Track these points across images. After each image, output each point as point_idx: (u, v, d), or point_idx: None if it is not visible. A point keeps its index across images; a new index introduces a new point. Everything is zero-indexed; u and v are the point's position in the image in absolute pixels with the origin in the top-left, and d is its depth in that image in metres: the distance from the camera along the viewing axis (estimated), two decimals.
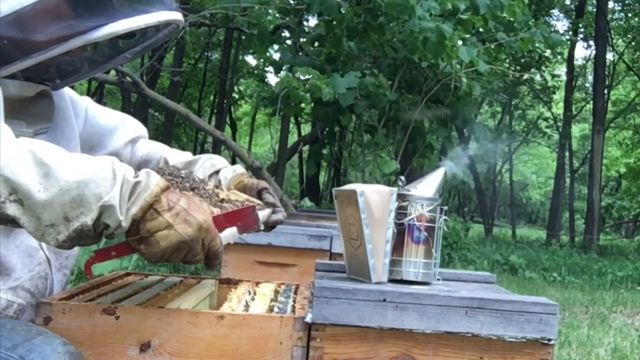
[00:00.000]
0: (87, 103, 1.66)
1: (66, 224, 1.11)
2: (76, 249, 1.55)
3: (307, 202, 7.19)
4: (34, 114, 1.44)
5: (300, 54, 7.46)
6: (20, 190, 1.09)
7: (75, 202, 1.11)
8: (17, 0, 1.28)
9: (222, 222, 1.26)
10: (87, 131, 1.63)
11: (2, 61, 1.31)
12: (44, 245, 1.42)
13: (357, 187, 1.38)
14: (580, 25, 18.57)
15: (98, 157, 1.19)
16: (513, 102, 20.69)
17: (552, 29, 13.77)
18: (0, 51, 1.31)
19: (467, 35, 6.48)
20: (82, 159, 1.16)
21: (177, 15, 1.41)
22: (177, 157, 1.71)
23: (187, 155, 1.73)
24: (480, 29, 6.91)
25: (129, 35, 1.40)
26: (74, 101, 1.61)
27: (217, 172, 1.64)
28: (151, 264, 6.62)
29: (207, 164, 1.66)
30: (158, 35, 1.45)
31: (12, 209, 1.09)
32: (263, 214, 1.45)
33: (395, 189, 1.40)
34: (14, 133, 1.32)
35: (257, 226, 1.35)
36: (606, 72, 18.29)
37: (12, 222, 1.12)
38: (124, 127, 1.72)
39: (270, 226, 1.53)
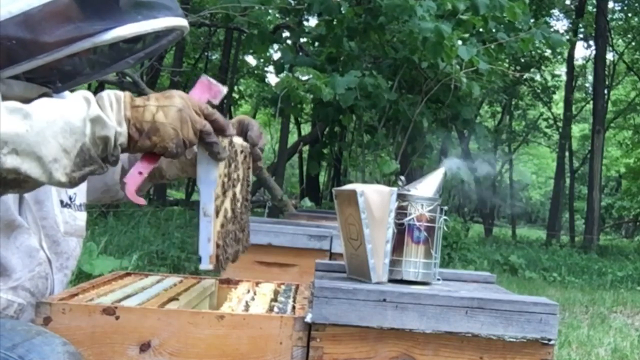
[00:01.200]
0: None
1: (67, 155, 1.13)
2: (77, 249, 1.56)
3: (307, 202, 7.19)
4: None
5: (301, 54, 7.46)
6: (10, 140, 1.09)
7: (65, 132, 1.13)
8: (26, 2, 1.28)
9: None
10: None
11: (8, 61, 1.32)
12: (44, 245, 1.42)
13: (357, 187, 1.38)
14: (580, 25, 18.56)
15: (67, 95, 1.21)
16: (513, 102, 20.68)
17: (552, 29, 13.77)
18: (7, 51, 1.31)
19: (466, 35, 6.49)
20: (52, 100, 1.18)
21: (183, 22, 1.42)
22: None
23: None
24: (481, 29, 6.91)
25: (134, 40, 1.41)
26: None
27: None
28: (152, 263, 6.62)
29: None
30: (162, 41, 1.47)
31: (9, 161, 1.10)
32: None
33: (395, 189, 1.40)
34: None
35: (221, 90, 1.35)
36: (606, 72, 18.29)
37: (13, 183, 1.12)
38: None
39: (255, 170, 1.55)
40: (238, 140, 1.41)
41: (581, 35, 19.10)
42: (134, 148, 1.20)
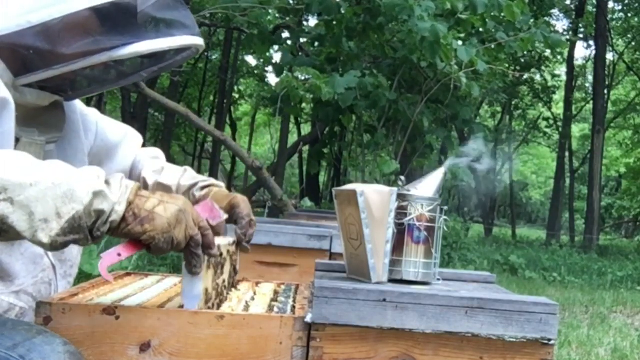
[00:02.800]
0: (97, 117, 1.68)
1: (58, 219, 1.10)
2: (79, 257, 1.56)
3: (307, 202, 7.19)
4: (46, 122, 1.45)
5: (300, 54, 7.46)
6: (10, 188, 1.08)
7: (66, 197, 1.11)
8: (47, 12, 1.30)
9: None
10: (98, 145, 1.64)
11: (25, 70, 1.34)
12: (49, 252, 1.43)
13: (357, 187, 1.38)
14: (580, 25, 18.56)
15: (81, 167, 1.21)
16: (513, 102, 20.68)
17: (552, 29, 13.76)
18: (24, 60, 1.33)
19: (462, 35, 6.49)
20: (66, 165, 1.18)
21: (199, 41, 1.43)
22: (151, 175, 1.71)
23: (167, 176, 1.72)
24: (480, 29, 6.91)
25: (150, 55, 1.42)
26: (84, 114, 1.62)
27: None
28: (152, 263, 6.63)
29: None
30: (176, 57, 1.49)
31: (1, 208, 1.08)
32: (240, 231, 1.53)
33: (395, 189, 1.40)
34: (27, 140, 1.36)
35: (221, 217, 1.38)
36: (606, 72, 18.29)
37: None
38: (128, 140, 1.75)
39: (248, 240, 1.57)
40: (224, 242, 1.41)
41: (581, 35, 19.10)
42: (122, 231, 1.17)
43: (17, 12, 1.29)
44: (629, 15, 19.98)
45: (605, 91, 18.04)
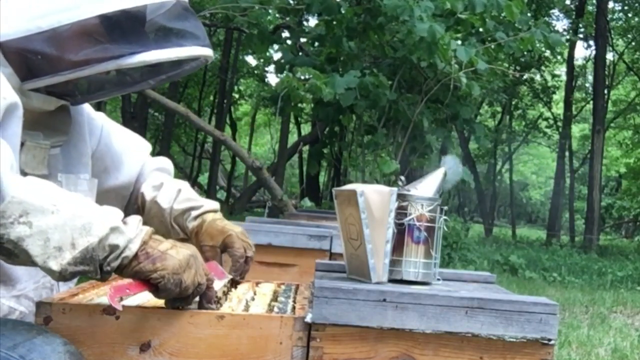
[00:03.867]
0: (103, 121, 1.67)
1: (72, 250, 1.12)
2: None
3: (307, 202, 7.19)
4: (51, 126, 1.45)
5: (301, 54, 7.46)
6: (32, 212, 1.10)
7: (84, 230, 1.13)
8: (57, 18, 1.30)
9: None
10: (101, 150, 1.63)
11: (32, 75, 1.34)
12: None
13: (357, 187, 1.38)
14: (580, 25, 18.56)
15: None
16: (513, 102, 20.68)
17: (552, 29, 13.76)
18: (32, 65, 1.33)
19: (459, 35, 6.49)
20: (91, 201, 1.21)
21: (208, 52, 1.43)
22: (150, 191, 1.71)
23: (163, 196, 1.70)
24: (480, 29, 6.91)
25: (158, 64, 1.42)
26: (91, 118, 1.62)
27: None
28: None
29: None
30: (185, 66, 1.48)
31: (17, 230, 1.09)
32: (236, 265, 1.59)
33: (395, 189, 1.40)
34: (32, 144, 1.36)
35: (226, 277, 1.46)
36: (606, 72, 18.29)
37: (4, 251, 1.11)
38: (135, 149, 1.74)
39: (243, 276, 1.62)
40: (220, 284, 1.43)
41: (581, 35, 19.09)
42: (133, 269, 1.18)
43: (26, 17, 1.30)
44: (629, 15, 19.97)
45: (605, 91, 18.04)
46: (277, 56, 9.06)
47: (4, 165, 1.11)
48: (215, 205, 1.72)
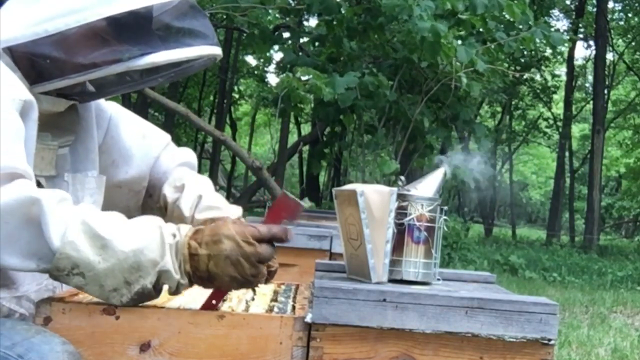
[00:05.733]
0: (112, 112, 1.62)
1: (128, 287, 1.19)
2: None
3: (307, 202, 7.18)
4: (60, 126, 1.45)
5: (301, 54, 7.46)
6: (81, 265, 1.17)
7: (133, 269, 1.18)
8: (64, 21, 1.30)
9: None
10: (107, 143, 1.59)
11: (41, 78, 1.34)
12: None
13: (357, 187, 1.38)
14: (580, 25, 18.56)
15: (145, 221, 1.24)
16: (513, 102, 20.67)
17: (552, 29, 13.75)
18: (40, 68, 1.33)
19: (462, 33, 6.48)
20: (133, 227, 1.22)
21: (216, 50, 1.43)
22: (172, 192, 1.63)
23: (184, 202, 1.62)
24: (480, 29, 6.91)
25: (167, 64, 1.41)
26: (100, 109, 1.59)
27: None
28: None
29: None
30: (194, 64, 1.48)
31: (75, 281, 1.18)
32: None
33: (395, 189, 1.40)
34: (41, 145, 1.36)
35: (300, 206, 1.37)
36: (606, 72, 18.28)
37: (76, 288, 1.22)
38: (147, 143, 1.66)
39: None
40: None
41: (581, 35, 19.09)
42: (203, 287, 1.27)
43: (34, 21, 1.30)
44: (629, 15, 19.97)
45: (605, 91, 18.03)
46: (277, 56, 9.06)
47: (50, 215, 1.15)
48: (238, 212, 1.66)
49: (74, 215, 1.18)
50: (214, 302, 1.30)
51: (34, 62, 1.32)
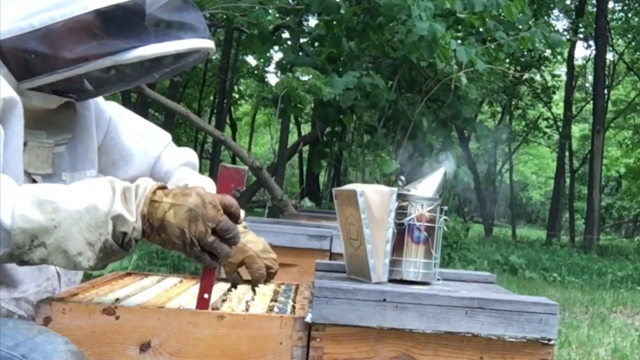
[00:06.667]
0: (112, 112, 1.62)
1: (91, 248, 1.16)
2: None
3: (307, 202, 7.18)
4: (55, 124, 1.43)
5: (301, 54, 7.46)
6: (39, 234, 1.14)
7: (91, 226, 1.16)
8: (49, 15, 1.28)
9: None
10: (107, 144, 1.59)
11: (28, 74, 1.32)
12: None
13: (357, 187, 1.38)
14: (580, 25, 18.56)
15: (95, 180, 1.23)
16: (513, 102, 20.68)
17: (552, 29, 13.76)
18: (26, 64, 1.31)
19: (460, 34, 6.48)
20: (83, 187, 1.20)
21: (207, 44, 1.40)
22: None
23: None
24: (480, 29, 6.91)
25: (158, 58, 1.39)
26: (99, 110, 1.58)
27: None
28: (152, 263, 6.62)
29: None
30: (188, 59, 1.45)
31: (38, 254, 1.15)
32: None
33: (395, 189, 1.40)
34: (35, 143, 1.35)
35: (243, 171, 1.34)
36: (606, 72, 18.28)
37: (42, 263, 1.19)
38: (147, 142, 1.67)
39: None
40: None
41: (581, 35, 19.09)
42: (147, 239, 1.22)
43: (18, 16, 1.28)
44: (629, 15, 19.97)
45: (605, 91, 18.03)
46: (277, 56, 9.06)
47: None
48: (241, 215, 1.69)
49: (20, 192, 1.16)
50: (205, 296, 1.28)
51: (20, 58, 1.30)
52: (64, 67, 1.31)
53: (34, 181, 1.38)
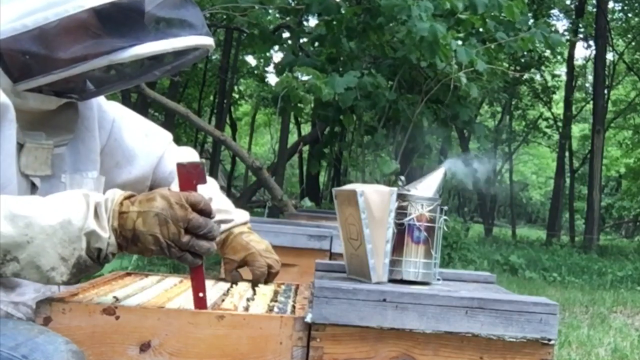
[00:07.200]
0: (115, 114, 1.61)
1: (65, 263, 1.17)
2: None
3: (307, 202, 7.18)
4: (55, 125, 1.42)
5: (301, 54, 7.46)
6: (11, 249, 1.14)
7: (65, 242, 1.16)
8: (43, 15, 1.26)
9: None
10: (111, 145, 1.58)
11: (23, 75, 1.30)
12: None
13: (357, 187, 1.38)
14: (580, 25, 18.56)
15: (69, 193, 1.23)
16: (513, 102, 20.68)
17: (552, 29, 13.76)
18: (21, 65, 1.29)
19: (462, 35, 6.48)
20: (57, 201, 1.20)
21: (206, 41, 1.38)
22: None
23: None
24: (480, 29, 6.91)
25: (156, 57, 1.37)
26: (102, 111, 1.56)
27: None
28: (152, 263, 6.62)
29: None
30: (188, 56, 1.43)
31: (10, 268, 1.15)
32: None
33: (395, 189, 1.40)
34: (33, 145, 1.34)
35: (201, 164, 1.32)
36: (606, 72, 18.28)
37: (15, 277, 1.19)
38: (149, 143, 1.66)
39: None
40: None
41: (581, 35, 19.09)
42: (125, 251, 1.23)
43: (12, 16, 1.26)
44: (629, 15, 19.97)
45: (605, 91, 18.03)
46: (277, 56, 9.06)
47: None
48: (244, 217, 1.68)
49: None
50: (200, 294, 1.28)
51: (15, 59, 1.28)
52: (60, 68, 1.29)
53: (33, 183, 1.37)
